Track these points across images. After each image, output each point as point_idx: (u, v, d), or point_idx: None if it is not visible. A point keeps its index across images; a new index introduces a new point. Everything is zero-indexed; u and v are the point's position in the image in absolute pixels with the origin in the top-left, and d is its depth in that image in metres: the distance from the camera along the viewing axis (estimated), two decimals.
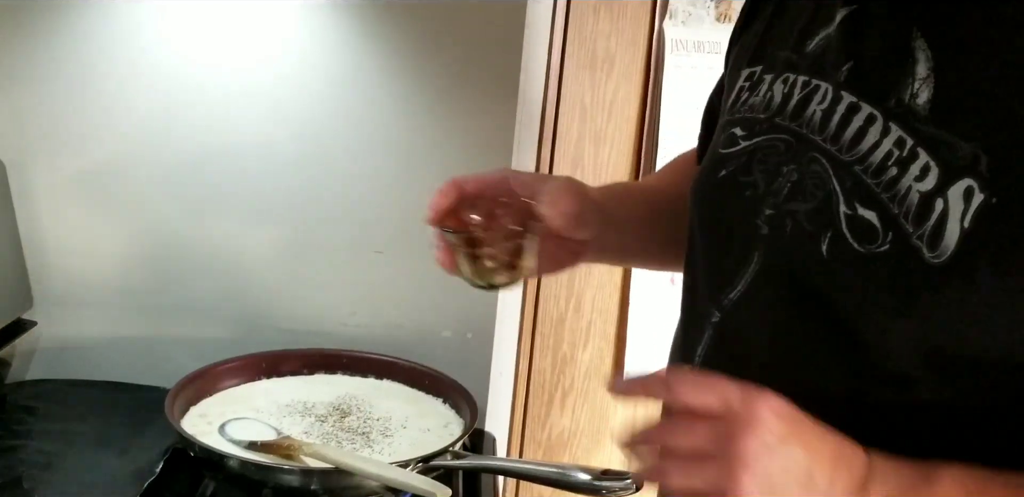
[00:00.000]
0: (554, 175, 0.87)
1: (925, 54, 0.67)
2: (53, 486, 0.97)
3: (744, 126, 0.83)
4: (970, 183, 0.62)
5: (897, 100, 0.68)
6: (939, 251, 0.62)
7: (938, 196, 0.63)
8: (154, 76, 1.21)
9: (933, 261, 0.63)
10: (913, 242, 0.64)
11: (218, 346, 1.23)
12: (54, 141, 1.23)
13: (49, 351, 1.28)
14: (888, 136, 0.67)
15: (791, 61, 0.80)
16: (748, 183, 0.79)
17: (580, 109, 1.47)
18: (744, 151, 0.81)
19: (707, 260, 0.84)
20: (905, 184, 0.65)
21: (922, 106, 0.66)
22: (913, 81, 0.67)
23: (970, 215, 0.61)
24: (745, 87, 0.85)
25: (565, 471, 0.90)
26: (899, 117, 0.67)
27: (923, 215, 0.64)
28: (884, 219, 0.66)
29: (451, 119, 1.23)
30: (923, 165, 0.65)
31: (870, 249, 0.66)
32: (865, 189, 0.68)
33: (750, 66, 0.86)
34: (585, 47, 1.45)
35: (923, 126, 0.65)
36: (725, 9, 1.65)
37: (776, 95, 0.80)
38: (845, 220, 0.68)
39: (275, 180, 1.24)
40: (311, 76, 1.21)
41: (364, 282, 1.29)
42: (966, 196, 0.62)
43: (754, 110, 0.82)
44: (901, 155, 0.66)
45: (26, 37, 1.19)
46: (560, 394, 1.57)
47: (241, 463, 0.97)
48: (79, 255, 1.26)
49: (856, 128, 0.70)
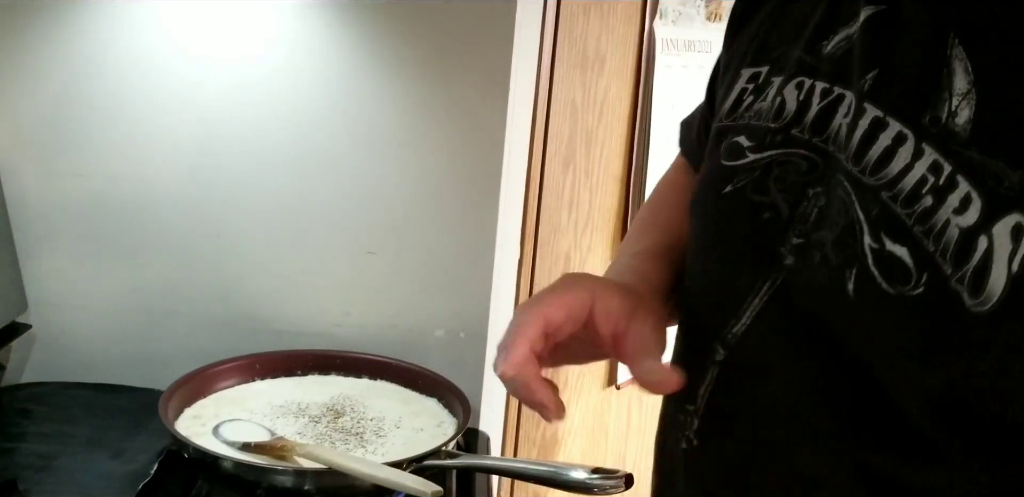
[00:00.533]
0: (643, 303, 0.75)
1: (964, 65, 0.57)
2: (48, 488, 0.98)
3: (751, 135, 0.73)
4: (1020, 219, 0.53)
5: (932, 118, 0.58)
6: (983, 297, 0.53)
7: (981, 232, 0.54)
8: (147, 78, 1.21)
9: (976, 309, 0.53)
10: (952, 286, 0.55)
11: (211, 348, 1.23)
12: (46, 144, 1.23)
13: (43, 354, 1.29)
14: (921, 159, 0.58)
15: (805, 63, 0.70)
16: (765, 204, 0.70)
17: (571, 108, 1.48)
18: (756, 165, 0.71)
19: (705, 286, 0.75)
20: (942, 217, 0.56)
21: (962, 126, 0.56)
22: (951, 96, 0.58)
23: (1019, 256, 0.52)
24: (748, 90, 0.75)
25: (557, 470, 0.90)
26: (934, 138, 0.58)
27: (964, 254, 0.54)
28: (917, 257, 0.57)
29: (442, 119, 1.23)
30: (964, 196, 0.55)
31: (902, 291, 0.57)
32: (895, 220, 0.58)
33: (753, 66, 0.76)
34: (576, 47, 1.45)
35: (964, 150, 0.56)
36: (715, 8, 1.66)
37: (789, 102, 0.70)
38: (871, 255, 0.59)
39: (268, 180, 1.25)
40: (302, 77, 1.22)
41: (357, 283, 1.29)
42: (1015, 234, 0.53)
43: (761, 117, 0.73)
44: (937, 182, 0.57)
45: (18, 40, 1.19)
46: None
47: (235, 464, 0.98)
48: (73, 258, 1.27)
49: (883, 148, 0.61)
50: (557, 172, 1.48)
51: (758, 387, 0.67)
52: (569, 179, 1.50)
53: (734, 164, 0.73)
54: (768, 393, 0.66)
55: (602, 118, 1.54)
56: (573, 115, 1.48)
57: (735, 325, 0.69)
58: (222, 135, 1.23)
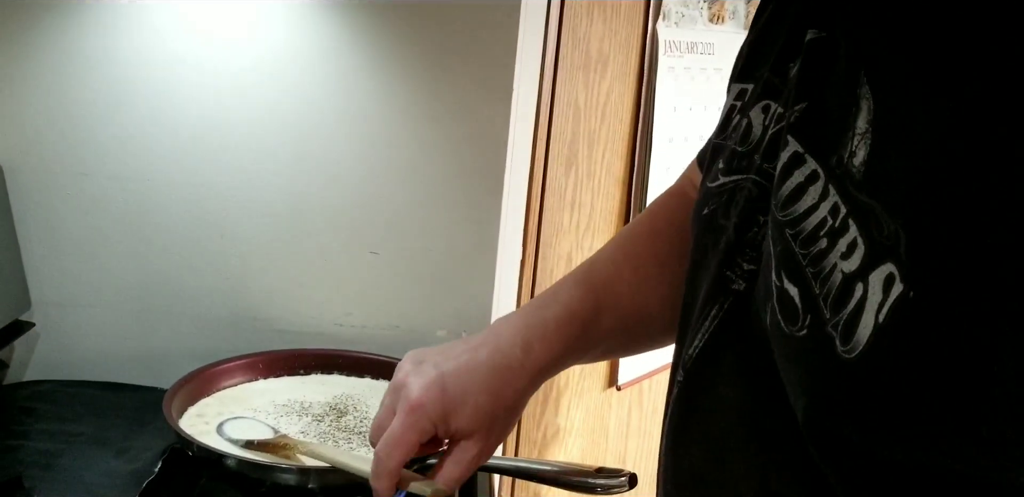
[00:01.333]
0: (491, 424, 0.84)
1: (868, 103, 0.54)
2: (52, 486, 0.98)
3: (726, 158, 0.73)
4: (892, 269, 0.50)
5: (838, 158, 0.55)
6: (852, 344, 0.52)
7: (859, 280, 0.52)
8: (150, 78, 1.21)
9: (845, 356, 0.52)
10: (828, 330, 0.53)
11: (215, 347, 1.24)
12: (49, 143, 1.23)
13: (47, 352, 1.29)
14: (826, 200, 0.56)
15: (772, 84, 0.69)
16: (723, 227, 0.69)
17: (574, 109, 1.48)
18: (724, 189, 0.71)
19: (682, 307, 0.75)
20: (831, 261, 0.54)
21: (857, 168, 0.54)
22: (853, 136, 0.54)
23: (887, 309, 0.50)
24: (736, 107, 0.74)
25: (560, 469, 0.91)
26: (838, 179, 0.55)
27: (842, 300, 0.53)
28: (805, 298, 0.56)
29: (446, 120, 1.23)
30: (851, 241, 0.53)
31: (792, 331, 0.56)
32: (792, 258, 0.57)
33: (740, 81, 0.75)
34: (579, 48, 1.45)
35: (857, 193, 0.53)
36: (718, 10, 1.67)
37: (755, 126, 0.69)
38: (776, 292, 0.58)
39: (271, 180, 1.25)
40: (305, 77, 1.22)
41: (360, 282, 1.29)
42: (886, 284, 0.50)
43: (734, 139, 0.72)
44: (834, 225, 0.55)
45: (23, 40, 1.19)
46: (555, 393, 1.58)
47: (239, 462, 0.98)
48: (77, 256, 1.27)
49: (796, 184, 0.59)
50: (559, 173, 1.48)
51: (703, 408, 0.68)
52: (571, 180, 1.51)
53: (711, 186, 0.73)
54: (708, 414, 0.67)
55: (604, 119, 1.55)
56: (576, 116, 1.49)
57: (691, 347, 0.69)
58: (225, 135, 1.24)
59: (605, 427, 1.72)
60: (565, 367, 0.87)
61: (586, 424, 1.67)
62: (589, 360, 0.93)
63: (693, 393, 0.69)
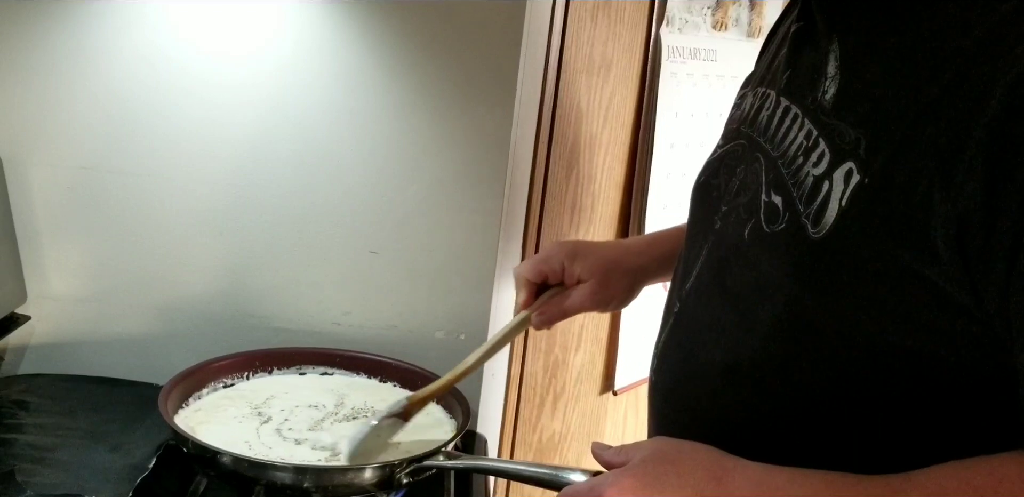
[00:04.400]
0: (615, 266, 1.08)
1: (835, 55, 0.74)
2: (46, 480, 0.97)
3: (724, 136, 0.92)
4: (851, 165, 0.67)
5: (812, 97, 0.74)
6: (820, 227, 0.68)
7: (826, 179, 0.69)
8: (152, 74, 1.21)
9: (814, 236, 0.68)
10: (802, 220, 0.70)
11: (212, 344, 1.23)
12: (50, 136, 1.23)
13: (42, 346, 1.28)
14: (802, 130, 0.74)
15: (763, 76, 0.89)
16: (715, 185, 0.88)
17: (576, 113, 1.48)
18: (717, 157, 0.90)
19: (681, 258, 0.92)
20: (805, 170, 0.71)
21: (828, 100, 0.72)
22: (825, 79, 0.73)
23: (847, 195, 0.67)
24: (737, 105, 0.94)
25: (556, 472, 0.90)
26: (811, 112, 0.74)
27: (813, 196, 0.70)
28: (786, 202, 0.73)
29: (448, 121, 1.23)
30: (820, 152, 0.71)
31: (773, 228, 0.73)
32: (780, 178, 0.75)
33: (743, 88, 0.96)
34: (582, 52, 1.45)
35: (826, 118, 0.71)
36: (721, 17, 1.67)
37: (747, 107, 0.89)
38: (763, 207, 0.75)
39: (272, 178, 1.25)
40: (308, 77, 1.22)
41: (359, 282, 1.29)
42: (846, 177, 0.67)
43: (732, 122, 0.91)
44: (807, 145, 0.72)
45: (23, 34, 1.19)
46: (552, 397, 1.57)
47: (234, 460, 0.97)
48: (74, 251, 1.27)
49: (785, 127, 0.77)
50: (560, 176, 1.48)
51: (689, 332, 0.85)
52: (572, 184, 1.50)
53: (709, 159, 0.93)
54: (694, 337, 0.83)
55: (606, 124, 1.54)
56: (578, 120, 1.49)
57: (687, 283, 0.87)
58: (226, 132, 1.23)
59: (601, 431, 1.72)
60: (666, 274, 1.07)
61: (583, 428, 1.67)
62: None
63: (685, 317, 0.87)
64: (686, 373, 0.84)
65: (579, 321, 1.60)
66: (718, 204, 0.85)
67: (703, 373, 0.81)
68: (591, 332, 1.63)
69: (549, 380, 1.56)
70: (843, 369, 0.70)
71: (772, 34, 0.99)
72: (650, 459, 0.75)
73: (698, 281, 0.85)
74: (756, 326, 0.74)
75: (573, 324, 1.58)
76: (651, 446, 0.77)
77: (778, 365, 0.73)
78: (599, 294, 1.06)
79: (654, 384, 0.92)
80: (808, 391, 0.72)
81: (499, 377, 1.41)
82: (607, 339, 1.67)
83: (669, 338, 0.88)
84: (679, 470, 0.73)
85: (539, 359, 1.53)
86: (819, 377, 0.71)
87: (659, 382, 0.91)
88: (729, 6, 1.67)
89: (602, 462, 0.81)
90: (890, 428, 0.69)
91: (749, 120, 0.85)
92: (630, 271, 1.08)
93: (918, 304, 0.64)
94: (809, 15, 0.79)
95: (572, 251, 1.07)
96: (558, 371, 1.58)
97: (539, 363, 1.53)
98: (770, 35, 0.99)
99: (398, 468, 0.97)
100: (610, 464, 0.79)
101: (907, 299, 0.65)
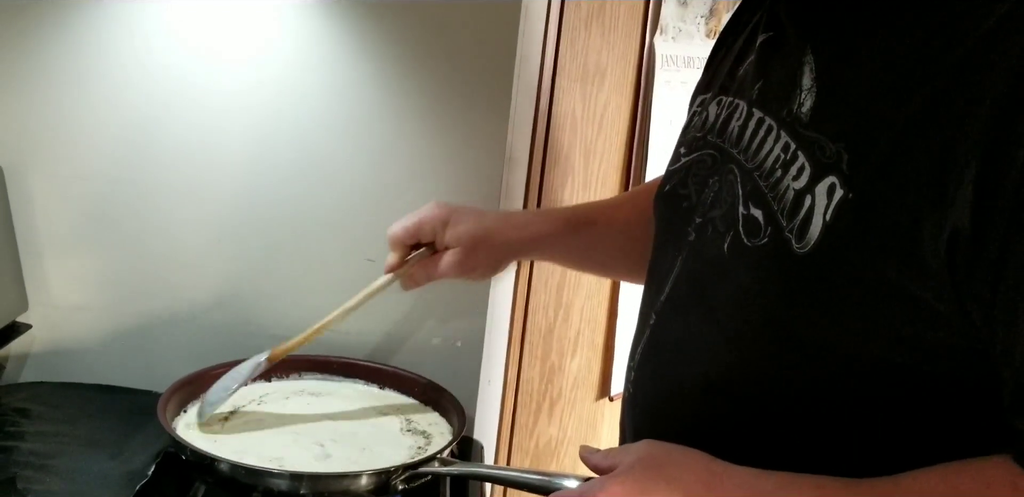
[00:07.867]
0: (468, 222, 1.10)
1: (810, 66, 0.73)
2: (46, 487, 0.98)
3: (687, 145, 0.91)
4: (834, 180, 0.67)
5: (788, 110, 0.74)
6: (804, 242, 0.68)
7: (808, 193, 0.69)
8: (150, 82, 1.22)
9: (799, 251, 0.68)
10: (785, 234, 0.70)
11: (210, 351, 1.24)
12: (51, 145, 1.24)
13: (43, 354, 1.29)
14: (779, 142, 0.74)
15: (725, 85, 0.88)
16: (684, 195, 0.87)
17: (571, 121, 1.49)
18: (683, 166, 0.90)
19: (652, 268, 0.92)
20: (785, 184, 0.71)
21: (805, 113, 0.72)
22: (801, 92, 0.73)
23: (831, 209, 0.67)
24: (697, 112, 0.93)
25: (549, 478, 0.91)
26: (788, 124, 0.73)
27: (795, 210, 0.69)
28: (767, 216, 0.72)
29: (444, 129, 1.24)
30: (800, 165, 0.70)
31: (755, 242, 0.73)
32: (758, 190, 0.74)
33: (700, 93, 0.95)
34: (577, 60, 1.46)
35: (804, 131, 0.71)
36: (715, 26, 1.68)
37: (711, 115, 0.88)
38: (742, 220, 0.75)
39: (269, 186, 1.26)
40: (305, 85, 1.23)
41: (356, 289, 1.30)
42: (829, 192, 0.67)
43: (695, 130, 0.90)
44: (785, 158, 0.72)
45: (22, 42, 1.20)
46: (548, 403, 1.58)
47: (232, 467, 0.98)
48: (74, 259, 1.28)
49: (760, 139, 0.77)
50: (556, 184, 1.49)
51: (669, 337, 0.84)
52: (567, 191, 1.51)
53: (672, 168, 0.92)
54: (670, 351, 0.84)
55: (601, 131, 1.55)
56: (573, 128, 1.50)
57: (661, 295, 0.86)
58: (223, 140, 1.24)
59: (598, 437, 1.73)
60: (555, 252, 1.15)
61: (579, 434, 1.68)
62: (574, 263, 1.23)
63: (661, 330, 0.87)
64: (665, 386, 0.84)
65: (575, 327, 1.61)
66: (690, 215, 0.84)
67: (681, 387, 0.81)
68: (587, 337, 1.64)
69: (545, 386, 1.57)
70: (824, 382, 0.70)
71: (723, 38, 0.97)
72: (639, 464, 0.75)
73: (674, 293, 0.84)
74: (736, 339, 0.74)
75: (569, 330, 1.59)
76: (640, 450, 0.77)
77: (758, 378, 0.74)
78: (464, 264, 1.08)
79: (631, 397, 0.91)
80: (789, 404, 0.72)
81: (495, 383, 1.41)
82: (603, 344, 1.68)
83: (646, 350, 0.88)
84: (668, 475, 0.73)
85: (535, 365, 1.54)
86: (800, 390, 0.71)
87: (637, 395, 0.90)
88: (723, 14, 1.68)
89: (590, 466, 0.81)
90: (873, 438, 0.70)
91: (717, 130, 0.85)
92: (500, 245, 1.09)
93: (901, 318, 0.65)
94: (778, 25, 0.79)
95: (446, 217, 1.08)
96: (554, 377, 1.58)
97: (535, 369, 1.54)
98: (721, 38, 0.97)
99: (393, 475, 0.98)
100: (598, 468, 0.80)
101: (890, 313, 0.65)
